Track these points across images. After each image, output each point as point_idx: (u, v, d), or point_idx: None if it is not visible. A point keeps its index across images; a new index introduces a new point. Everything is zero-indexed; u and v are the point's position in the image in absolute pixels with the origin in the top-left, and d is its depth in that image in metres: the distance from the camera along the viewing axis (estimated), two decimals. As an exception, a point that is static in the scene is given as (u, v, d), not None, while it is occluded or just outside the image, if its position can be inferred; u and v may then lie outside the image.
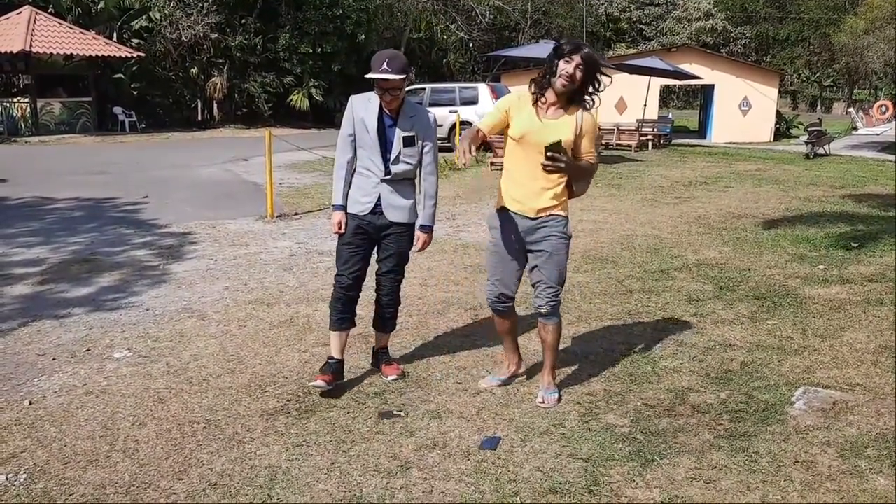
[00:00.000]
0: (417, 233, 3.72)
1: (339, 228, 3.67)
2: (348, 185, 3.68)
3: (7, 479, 2.85)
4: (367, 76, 3.51)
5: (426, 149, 3.66)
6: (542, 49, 15.45)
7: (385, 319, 3.89)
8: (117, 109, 24.07)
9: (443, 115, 17.30)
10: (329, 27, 26.52)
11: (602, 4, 54.55)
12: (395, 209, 3.65)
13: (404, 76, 3.46)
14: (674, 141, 22.45)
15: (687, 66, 22.35)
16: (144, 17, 25.48)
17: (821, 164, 16.16)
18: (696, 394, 3.65)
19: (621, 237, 7.62)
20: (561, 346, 4.27)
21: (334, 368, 3.69)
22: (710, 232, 7.96)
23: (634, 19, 56.89)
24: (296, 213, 8.92)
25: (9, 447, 3.10)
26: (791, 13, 54.23)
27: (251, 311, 4.99)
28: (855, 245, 7.10)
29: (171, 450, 3.08)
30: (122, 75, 24.48)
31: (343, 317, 3.71)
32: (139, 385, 3.75)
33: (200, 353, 4.20)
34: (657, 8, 57.37)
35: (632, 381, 3.82)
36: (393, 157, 3.58)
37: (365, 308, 4.04)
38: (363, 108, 3.62)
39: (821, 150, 18.57)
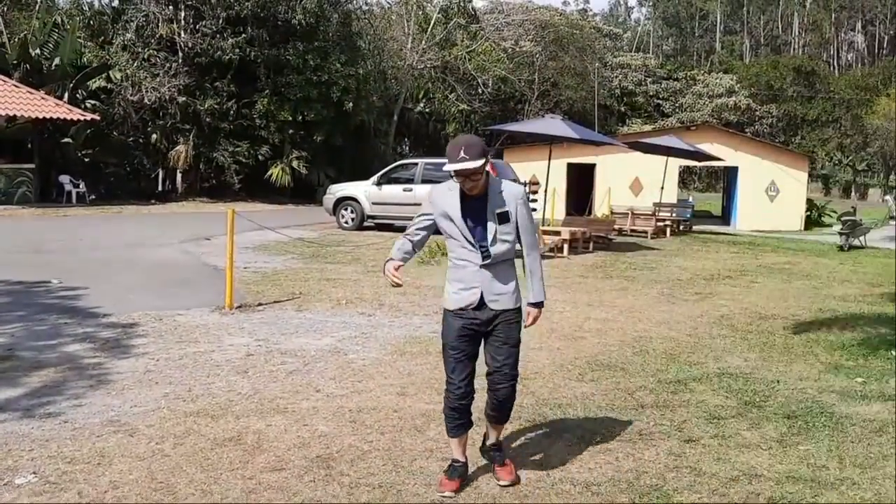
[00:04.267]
0: (528, 308, 3.95)
1: (396, 272, 3.85)
2: (406, 252, 3.94)
3: None
4: (445, 168, 3.79)
5: (523, 223, 3.86)
6: (548, 124, 15.77)
7: (499, 413, 4.00)
8: (64, 178, 24.19)
9: (434, 194, 17.49)
10: (312, 93, 27.13)
11: (616, 77, 56.45)
12: (500, 297, 3.84)
13: (484, 161, 3.68)
14: (695, 227, 22.73)
15: (708, 146, 22.89)
16: (103, 76, 26.03)
17: (856, 258, 16.28)
18: (716, 540, 3.46)
19: (633, 339, 7.52)
20: (559, 474, 4.13)
21: (460, 472, 3.94)
22: (734, 335, 7.87)
23: (651, 93, 58.78)
24: (259, 304, 8.81)
25: None
26: (820, 92, 56.18)
27: (191, 424, 4.78)
28: (894, 353, 7.00)
29: None
30: (70, 140, 24.67)
31: (460, 423, 3.93)
32: (42, 519, 3.53)
33: (122, 478, 3.97)
34: (676, 83, 59.41)
35: (640, 520, 3.63)
36: (490, 238, 3.79)
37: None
38: (443, 200, 3.86)
39: (856, 242, 18.78)
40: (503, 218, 3.79)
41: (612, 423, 5.03)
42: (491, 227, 3.78)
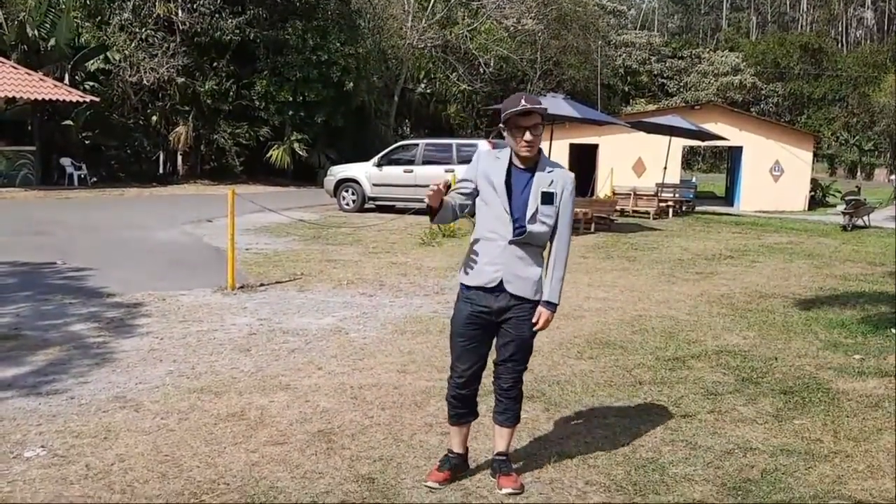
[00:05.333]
0: (540, 308, 3.68)
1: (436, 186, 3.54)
2: (452, 206, 3.63)
3: None
4: (502, 122, 3.62)
5: (564, 211, 3.68)
6: (552, 103, 15.77)
7: (505, 411, 3.81)
8: (65, 160, 24.26)
9: (437, 175, 17.55)
10: (313, 73, 27.07)
11: (620, 55, 56.15)
12: (520, 280, 3.63)
13: (545, 109, 3.60)
14: (697, 208, 22.75)
15: (712, 126, 22.83)
16: (101, 57, 25.98)
17: (859, 238, 16.33)
18: (709, 509, 3.56)
19: (633, 318, 7.62)
20: (556, 448, 4.22)
21: (453, 464, 3.79)
22: (734, 314, 7.96)
23: (655, 72, 58.51)
24: (261, 285, 8.91)
25: None
26: (827, 70, 55.85)
27: (195, 400, 4.90)
28: (895, 332, 7.08)
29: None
30: (70, 122, 24.75)
31: (461, 412, 3.81)
32: (50, 491, 3.64)
33: (128, 452, 4.09)
34: (680, 61, 59.08)
35: (636, 491, 3.74)
36: (529, 214, 3.60)
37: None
38: (489, 163, 3.68)
39: (859, 222, 18.80)
40: (547, 198, 3.61)
41: (609, 398, 5.13)
42: (532, 203, 3.59)
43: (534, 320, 3.67)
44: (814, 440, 4.45)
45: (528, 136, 3.55)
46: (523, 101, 3.54)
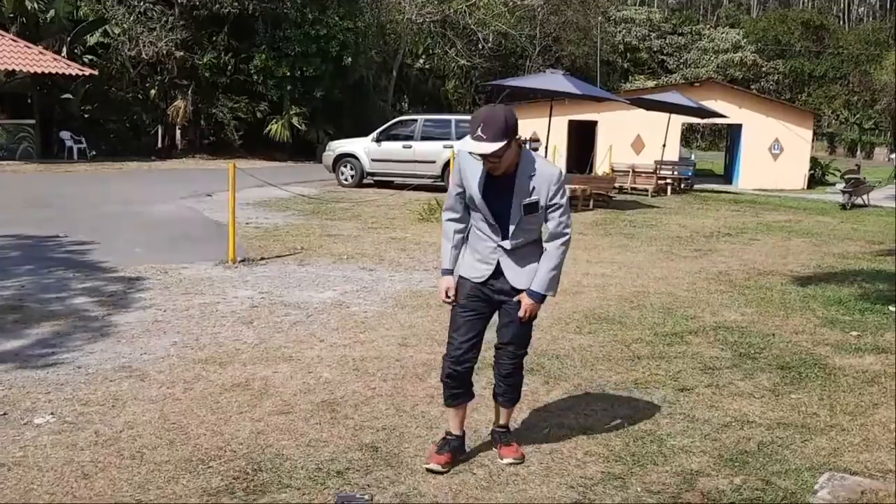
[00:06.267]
0: (523, 296, 3.54)
1: (447, 296, 3.63)
2: (458, 246, 3.65)
3: None
4: (457, 147, 3.45)
5: (554, 211, 3.47)
6: (550, 79, 15.74)
7: (504, 393, 3.77)
8: (65, 134, 24.23)
9: (436, 151, 17.54)
10: (311, 48, 26.92)
11: (620, 32, 55.80)
12: (519, 274, 3.56)
13: (505, 142, 3.25)
14: (696, 186, 22.77)
15: (711, 103, 22.78)
16: (100, 31, 25.83)
17: (858, 216, 16.38)
18: (706, 478, 3.63)
19: (631, 294, 7.67)
20: (555, 419, 4.28)
21: (453, 446, 3.68)
22: (732, 290, 8.01)
23: (655, 49, 58.17)
24: (261, 259, 8.94)
25: None
26: (829, 47, 55.55)
27: (200, 371, 4.96)
28: (893, 309, 7.15)
29: (93, 533, 3.03)
30: (70, 95, 24.64)
31: (456, 392, 3.68)
32: (61, 457, 3.70)
33: (136, 419, 4.16)
34: (681, 38, 58.73)
35: (634, 461, 3.80)
36: (512, 229, 3.47)
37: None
38: (469, 168, 3.50)
39: (859, 201, 18.85)
40: (531, 209, 3.42)
41: (608, 372, 5.19)
42: (515, 215, 3.44)
43: (520, 314, 3.57)
44: (810, 414, 4.51)
45: (487, 164, 3.39)
46: (479, 131, 3.23)
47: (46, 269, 7.95)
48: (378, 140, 18.51)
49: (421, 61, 37.40)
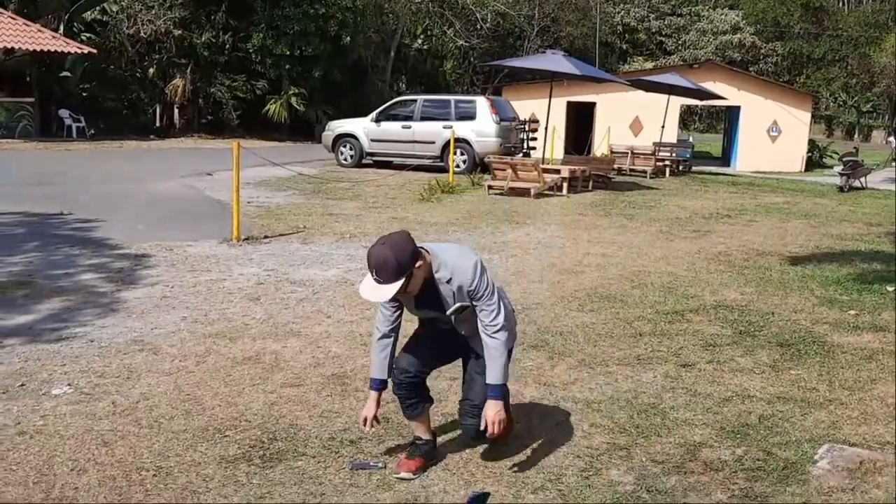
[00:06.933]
0: (487, 404, 3.27)
1: (366, 424, 3.41)
2: (390, 355, 3.39)
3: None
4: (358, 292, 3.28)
5: (482, 307, 3.24)
6: (550, 60, 15.75)
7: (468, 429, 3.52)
8: (63, 112, 24.16)
9: (436, 131, 17.55)
10: (310, 27, 26.76)
11: (618, 13, 55.48)
12: (476, 344, 3.38)
13: (403, 281, 3.08)
14: (694, 168, 22.80)
15: (710, 85, 22.79)
16: (98, 8, 25.68)
17: (856, 199, 16.46)
18: (709, 449, 3.72)
19: (632, 273, 7.73)
20: (561, 392, 4.37)
21: (423, 451, 3.46)
22: (731, 270, 8.09)
23: (654, 30, 57.85)
24: (265, 237, 9.00)
25: (-69, 491, 3.13)
26: (828, 29, 55.32)
27: (211, 345, 5.04)
28: (890, 289, 7.23)
29: (114, 500, 3.11)
30: (69, 73, 24.53)
31: (412, 402, 3.43)
32: (80, 425, 3.79)
33: (151, 391, 4.25)
34: (679, 19, 58.39)
35: (638, 433, 3.89)
36: (455, 324, 3.36)
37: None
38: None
39: (856, 183, 18.93)
40: (460, 310, 3.27)
41: (611, 348, 5.28)
42: (451, 317, 3.30)
43: (481, 427, 3.30)
44: (810, 389, 4.60)
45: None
46: (375, 275, 3.11)
47: (53, 246, 8.01)
48: (378, 120, 18.50)
49: (419, 41, 37.22)
